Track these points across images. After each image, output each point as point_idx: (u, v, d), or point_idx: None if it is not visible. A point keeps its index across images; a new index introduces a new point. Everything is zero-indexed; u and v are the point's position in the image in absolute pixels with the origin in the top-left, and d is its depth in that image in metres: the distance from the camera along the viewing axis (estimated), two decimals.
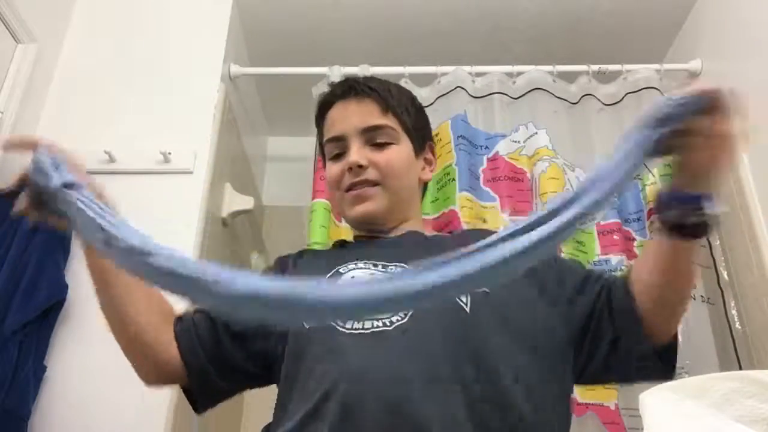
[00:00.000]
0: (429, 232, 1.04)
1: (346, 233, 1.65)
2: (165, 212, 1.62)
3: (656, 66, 1.89)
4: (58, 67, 1.81)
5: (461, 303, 0.80)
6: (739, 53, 1.74)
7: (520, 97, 1.85)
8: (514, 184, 1.71)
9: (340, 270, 0.87)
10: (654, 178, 1.72)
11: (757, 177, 1.62)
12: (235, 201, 1.88)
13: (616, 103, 1.86)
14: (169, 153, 1.66)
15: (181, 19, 1.91)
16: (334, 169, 1.00)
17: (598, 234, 1.67)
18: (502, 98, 1.84)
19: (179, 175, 1.67)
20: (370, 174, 0.96)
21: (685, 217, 0.74)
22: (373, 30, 2.09)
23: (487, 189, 1.69)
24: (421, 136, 1.05)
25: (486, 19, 2.08)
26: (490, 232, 0.96)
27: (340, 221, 1.70)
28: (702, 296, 1.59)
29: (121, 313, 0.85)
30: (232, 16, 1.97)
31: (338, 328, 0.79)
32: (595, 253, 1.66)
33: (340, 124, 1.01)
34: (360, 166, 0.96)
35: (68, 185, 0.73)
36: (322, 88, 1.87)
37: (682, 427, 0.50)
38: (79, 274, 1.51)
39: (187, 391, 0.92)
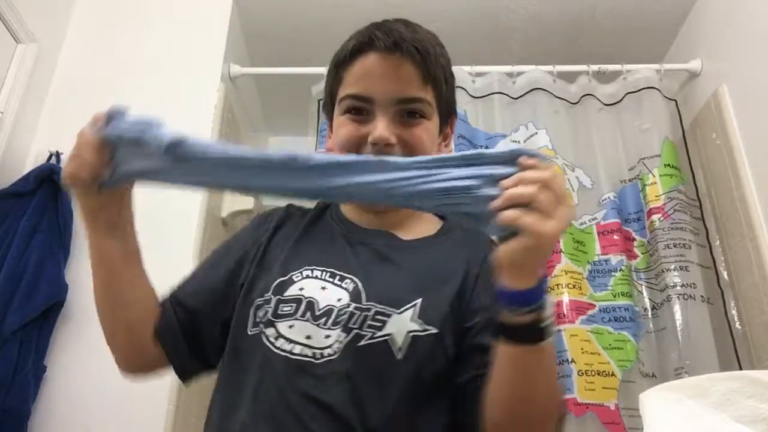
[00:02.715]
0: (408, 234, 0.88)
1: None
2: (165, 212, 1.62)
3: (656, 66, 1.89)
4: (58, 67, 1.81)
5: (393, 346, 0.72)
6: (739, 53, 1.74)
7: (520, 97, 1.85)
8: None
9: (293, 277, 0.80)
10: (654, 178, 1.72)
11: (757, 177, 1.62)
12: (235, 201, 1.88)
13: (616, 103, 1.86)
14: None
15: (181, 19, 1.91)
16: (351, 130, 0.84)
17: (598, 234, 1.68)
18: (502, 98, 1.84)
19: None
20: (396, 152, 0.81)
21: (515, 318, 0.62)
22: None
23: None
24: (449, 109, 0.92)
25: (486, 19, 2.08)
26: (476, 235, 0.87)
27: None
28: (702, 296, 1.59)
29: (120, 299, 0.84)
30: (232, 16, 1.97)
31: (268, 345, 0.75)
32: (595, 253, 1.67)
33: (371, 83, 0.83)
34: (387, 144, 0.81)
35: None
36: (322, 88, 1.86)
37: (682, 427, 0.50)
38: (79, 274, 1.51)
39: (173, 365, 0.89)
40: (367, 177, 0.67)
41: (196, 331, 0.85)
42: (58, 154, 1.62)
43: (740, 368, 1.53)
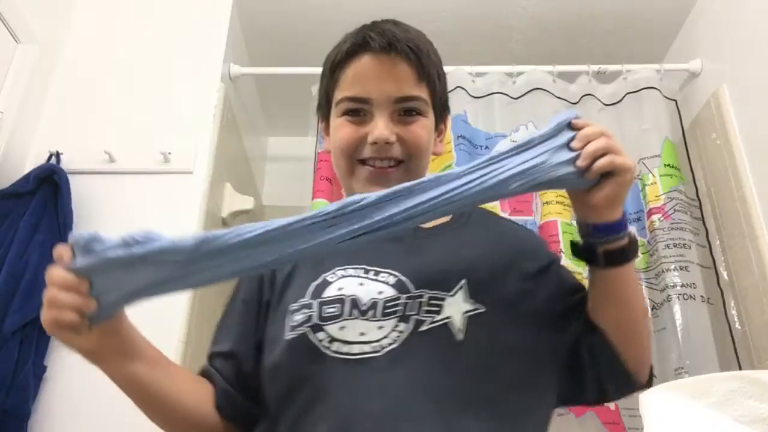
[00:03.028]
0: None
1: None
2: (165, 212, 1.62)
3: (656, 66, 1.89)
4: (58, 67, 1.81)
5: (453, 328, 0.74)
6: (739, 53, 1.74)
7: (520, 97, 1.85)
8: None
9: (328, 278, 0.80)
10: (654, 178, 1.72)
11: (757, 177, 1.62)
12: (235, 201, 1.88)
13: (616, 103, 1.86)
14: (169, 153, 1.66)
15: (181, 19, 1.91)
16: (349, 132, 0.86)
17: None
18: (502, 98, 1.84)
19: (179, 175, 1.67)
20: (395, 151, 0.84)
21: (616, 244, 0.75)
22: None
23: None
24: (443, 105, 0.94)
25: (486, 19, 2.08)
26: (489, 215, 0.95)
27: None
28: (702, 296, 1.59)
29: (164, 406, 0.80)
30: (232, 16, 1.97)
31: (324, 350, 0.74)
32: None
33: (367, 84, 0.85)
34: (387, 143, 0.83)
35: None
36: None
37: (682, 427, 0.50)
38: None
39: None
40: (426, 195, 0.68)
41: (250, 377, 0.83)
42: (58, 154, 1.62)
43: (740, 368, 1.53)
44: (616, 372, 0.80)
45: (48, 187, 1.53)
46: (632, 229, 1.63)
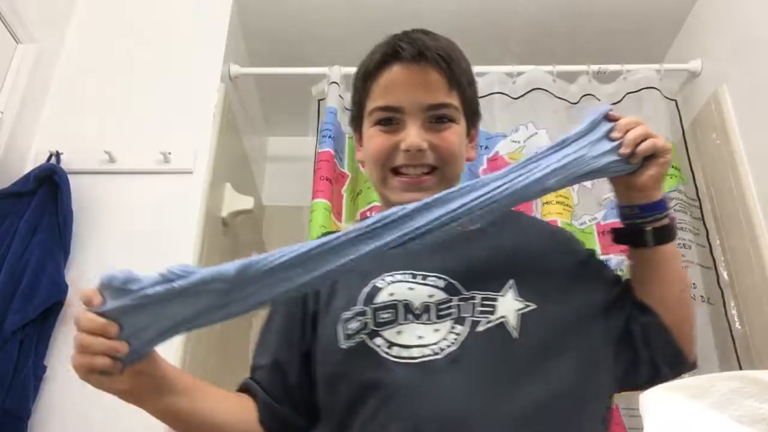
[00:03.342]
0: None
1: None
2: (165, 212, 1.62)
3: (656, 66, 1.89)
4: (58, 67, 1.81)
5: (509, 327, 0.75)
6: (739, 53, 1.74)
7: (520, 97, 1.85)
8: None
9: (378, 284, 0.81)
10: None
11: (757, 177, 1.62)
12: (235, 201, 1.88)
13: (616, 103, 1.86)
14: (169, 153, 1.66)
15: (181, 19, 1.91)
16: (382, 141, 0.87)
17: (599, 234, 1.68)
18: (502, 98, 1.84)
19: (179, 175, 1.67)
20: (428, 158, 0.85)
21: (662, 221, 0.81)
22: (373, 30, 2.08)
23: None
24: (474, 112, 0.95)
25: (486, 19, 2.08)
26: (521, 215, 0.98)
27: (340, 221, 1.70)
28: (702, 296, 1.59)
29: (206, 427, 0.79)
30: (232, 16, 1.97)
31: (384, 355, 0.74)
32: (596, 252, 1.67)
33: (399, 93, 0.86)
34: (420, 150, 0.84)
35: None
36: (322, 88, 1.87)
37: (682, 427, 0.50)
38: (79, 274, 1.51)
39: None
40: (469, 197, 0.71)
41: (295, 387, 0.84)
42: (58, 154, 1.62)
43: (740, 368, 1.53)
44: (669, 350, 0.83)
45: (48, 187, 1.53)
46: None
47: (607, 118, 0.79)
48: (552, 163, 0.75)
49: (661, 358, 0.83)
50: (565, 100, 1.85)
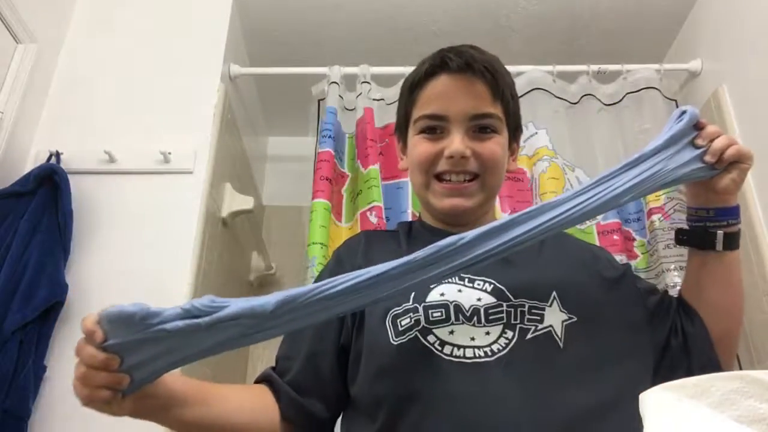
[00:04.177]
0: None
1: (347, 233, 1.66)
2: (165, 212, 1.62)
3: (656, 66, 1.89)
4: (58, 67, 1.81)
5: (555, 336, 0.77)
6: (739, 53, 1.74)
7: (520, 97, 1.83)
8: (514, 184, 1.71)
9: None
10: None
11: (757, 177, 1.62)
12: (235, 201, 1.88)
13: (616, 103, 1.86)
14: (169, 153, 1.66)
15: (181, 19, 1.91)
16: (427, 148, 0.90)
17: (598, 234, 1.68)
18: None
19: (179, 175, 1.67)
20: (471, 165, 0.88)
21: (734, 227, 0.83)
22: (373, 30, 2.08)
23: None
24: (516, 124, 0.98)
25: (486, 19, 2.08)
26: (557, 239, 0.97)
27: (340, 221, 1.70)
28: None
29: (220, 427, 0.79)
30: (232, 16, 1.97)
31: (437, 353, 0.75)
32: None
33: (445, 102, 0.89)
34: (463, 157, 0.87)
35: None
36: (322, 88, 1.87)
37: (682, 427, 0.50)
38: (79, 274, 1.51)
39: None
40: (531, 223, 0.70)
41: (327, 378, 0.84)
42: (58, 154, 1.62)
43: (740, 368, 1.53)
44: (708, 363, 0.84)
45: (48, 187, 1.52)
46: (633, 227, 1.64)
47: (696, 126, 0.80)
48: (627, 181, 0.75)
49: (698, 368, 0.84)
50: (565, 100, 1.85)
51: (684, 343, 0.84)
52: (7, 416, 1.31)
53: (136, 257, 1.55)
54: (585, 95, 1.87)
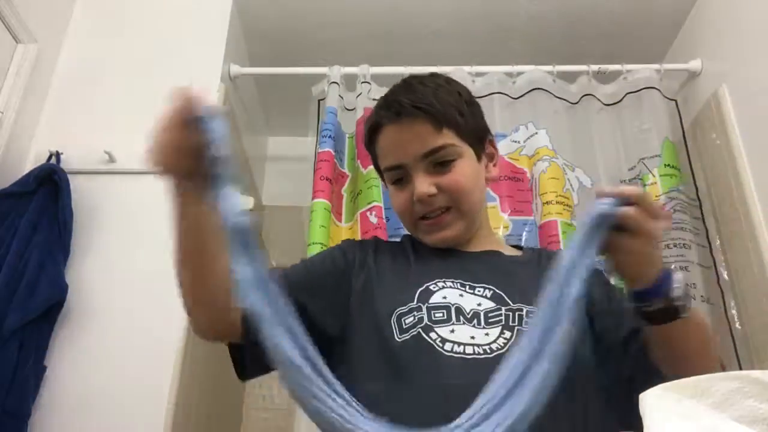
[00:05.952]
0: (504, 249, 1.01)
1: (347, 233, 1.66)
2: (165, 212, 1.62)
3: (656, 66, 1.89)
4: (58, 67, 1.81)
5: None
6: (739, 53, 1.74)
7: (520, 97, 1.85)
8: (514, 183, 1.71)
9: (430, 287, 0.86)
10: (654, 178, 1.72)
11: (757, 177, 1.62)
12: None
13: (616, 103, 1.86)
14: None
15: (181, 19, 1.91)
16: (400, 198, 0.95)
17: None
18: (502, 98, 1.84)
19: None
20: (441, 201, 0.91)
21: (655, 306, 0.74)
22: (373, 30, 2.09)
23: (488, 189, 1.70)
24: (479, 136, 0.97)
25: (486, 19, 2.08)
26: (555, 254, 0.97)
27: (340, 221, 1.70)
28: (702, 296, 1.59)
29: (206, 270, 0.86)
30: (232, 16, 1.97)
31: (439, 348, 0.78)
32: None
33: (395, 152, 0.93)
34: (430, 196, 0.90)
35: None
36: (322, 88, 1.87)
37: (682, 427, 0.50)
38: (79, 274, 1.51)
39: (236, 354, 0.89)
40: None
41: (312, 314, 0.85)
42: (58, 154, 1.62)
43: (740, 368, 1.53)
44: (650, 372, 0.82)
45: (48, 187, 1.53)
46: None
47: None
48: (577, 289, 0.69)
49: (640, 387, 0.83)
50: (565, 100, 1.85)
51: (639, 381, 0.83)
52: (7, 416, 1.31)
53: (136, 257, 1.55)
54: (585, 95, 1.87)
